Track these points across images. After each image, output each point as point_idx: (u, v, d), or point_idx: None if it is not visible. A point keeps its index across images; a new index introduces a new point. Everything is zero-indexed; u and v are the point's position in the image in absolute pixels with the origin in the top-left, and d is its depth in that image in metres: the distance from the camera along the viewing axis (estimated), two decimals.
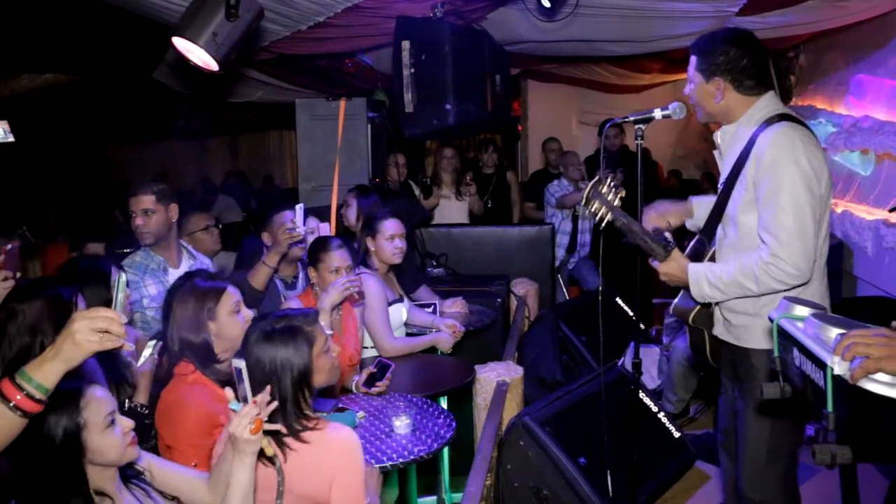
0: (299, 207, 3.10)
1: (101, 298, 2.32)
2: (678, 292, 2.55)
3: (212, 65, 3.01)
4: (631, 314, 4.37)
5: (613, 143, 5.80)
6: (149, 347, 2.34)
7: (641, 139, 2.42)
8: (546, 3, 3.40)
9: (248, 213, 9.52)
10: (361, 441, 2.32)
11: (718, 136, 2.43)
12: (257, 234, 3.55)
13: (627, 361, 3.71)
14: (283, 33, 3.90)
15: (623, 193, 2.28)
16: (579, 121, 8.81)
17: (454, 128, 3.86)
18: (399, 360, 3.08)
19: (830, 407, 1.13)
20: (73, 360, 1.39)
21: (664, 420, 3.21)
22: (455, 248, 4.84)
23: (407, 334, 3.52)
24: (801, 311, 1.32)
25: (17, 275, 2.25)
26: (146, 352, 2.33)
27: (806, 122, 2.31)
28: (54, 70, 5.78)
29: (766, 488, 2.31)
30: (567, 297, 5.52)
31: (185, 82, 5.49)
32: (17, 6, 4.48)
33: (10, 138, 2.22)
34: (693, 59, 2.35)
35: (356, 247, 3.54)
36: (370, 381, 2.81)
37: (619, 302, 4.46)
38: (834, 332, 1.20)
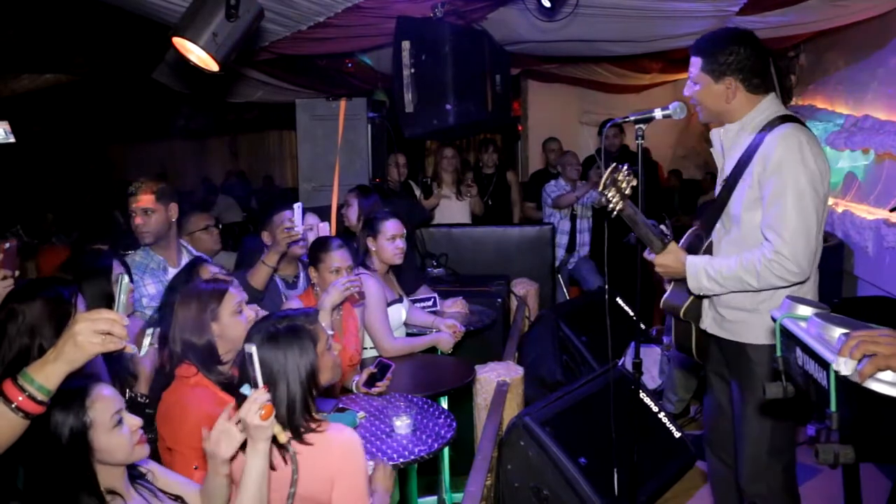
0: (297, 206, 3.09)
1: (103, 293, 2.32)
2: None
3: (212, 65, 3.01)
4: (631, 314, 4.37)
5: (613, 143, 5.80)
6: (147, 336, 2.33)
7: (642, 139, 2.42)
8: (546, 2, 3.40)
9: (249, 213, 9.51)
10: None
11: (719, 135, 2.44)
12: (257, 234, 3.54)
13: (628, 361, 3.71)
14: (283, 33, 3.90)
15: (634, 183, 2.29)
16: (579, 121, 8.81)
17: (454, 128, 3.86)
18: (399, 361, 3.07)
19: (834, 406, 1.12)
20: (75, 362, 1.39)
21: (665, 420, 3.21)
22: (455, 248, 4.84)
23: (407, 334, 3.52)
24: (804, 310, 1.32)
25: (16, 273, 2.25)
26: (145, 340, 2.32)
27: (806, 122, 2.33)
28: (54, 70, 5.79)
29: (768, 485, 2.33)
30: (567, 298, 5.52)
31: (185, 82, 5.49)
32: (17, 6, 4.49)
33: (11, 139, 2.22)
34: (698, 61, 2.33)
35: (356, 247, 3.53)
36: (370, 382, 2.80)
37: (620, 302, 4.45)
38: (837, 331, 1.19)
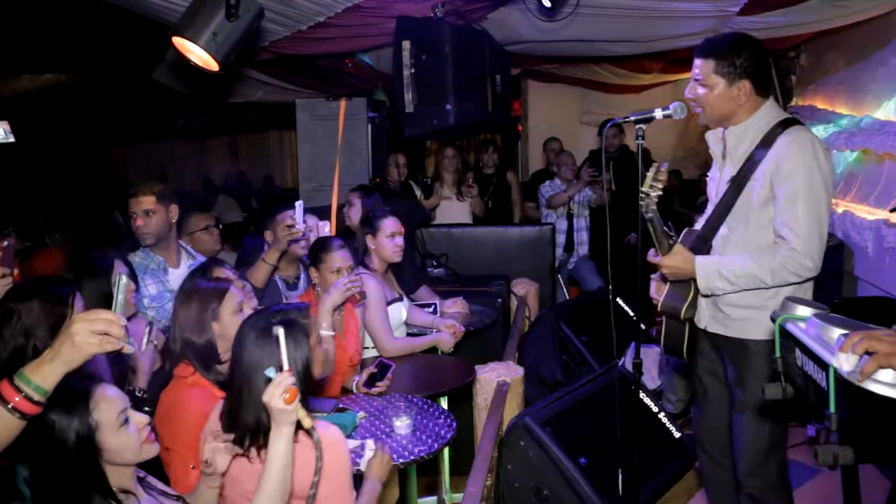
0: (299, 204, 3.10)
1: (103, 293, 2.33)
2: None
3: (212, 65, 3.01)
4: (632, 314, 4.36)
5: (613, 143, 5.80)
6: (146, 333, 2.36)
7: (642, 139, 2.42)
8: (546, 2, 3.40)
9: (249, 213, 9.52)
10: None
11: (716, 137, 2.44)
12: (258, 234, 3.55)
13: (628, 362, 3.71)
14: (283, 33, 3.90)
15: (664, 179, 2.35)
16: (580, 121, 8.81)
17: (454, 128, 3.85)
18: (399, 361, 3.07)
19: (833, 408, 1.13)
20: (72, 363, 1.38)
21: (664, 420, 3.21)
22: (455, 249, 4.84)
23: (408, 334, 3.52)
24: (804, 311, 1.32)
25: (15, 272, 2.25)
26: (144, 338, 2.34)
27: (806, 123, 2.39)
28: (54, 70, 5.78)
29: (764, 478, 2.38)
30: (567, 298, 5.52)
31: (185, 82, 5.49)
32: (18, 6, 4.48)
33: (11, 139, 2.22)
34: (710, 63, 2.32)
35: (357, 247, 3.53)
36: (371, 382, 2.80)
37: (620, 302, 4.45)
38: (836, 332, 1.19)
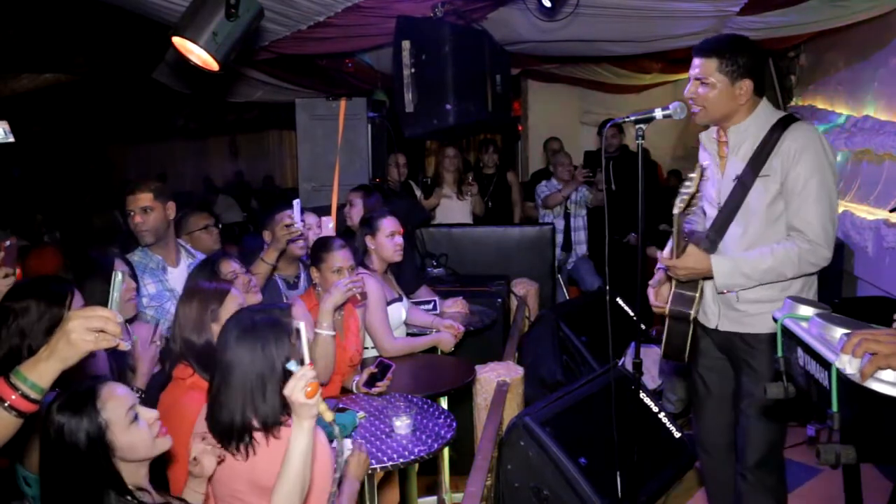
0: (295, 203, 3.09)
1: (103, 292, 2.32)
2: None
3: (212, 64, 3.01)
4: (632, 314, 4.36)
5: (612, 143, 5.80)
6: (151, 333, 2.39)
7: (642, 139, 2.42)
8: (547, 2, 3.40)
9: (249, 212, 9.52)
10: (362, 441, 2.32)
11: (728, 135, 2.45)
12: (258, 234, 3.54)
13: (628, 362, 3.71)
14: (283, 33, 3.90)
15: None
16: (580, 121, 8.80)
17: (454, 128, 3.85)
18: (399, 361, 3.06)
19: (835, 407, 1.12)
20: (68, 360, 1.38)
21: (665, 420, 3.21)
22: (455, 249, 4.83)
23: (407, 335, 3.51)
24: (806, 310, 1.32)
25: (17, 271, 2.25)
26: (149, 338, 2.37)
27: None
28: (54, 70, 5.78)
29: (770, 469, 2.46)
30: (567, 298, 5.51)
31: (186, 82, 5.49)
32: (18, 6, 4.48)
33: (11, 138, 2.22)
34: (713, 62, 2.35)
35: (356, 246, 3.53)
36: (371, 382, 2.80)
37: (620, 302, 4.45)
38: (838, 332, 1.19)
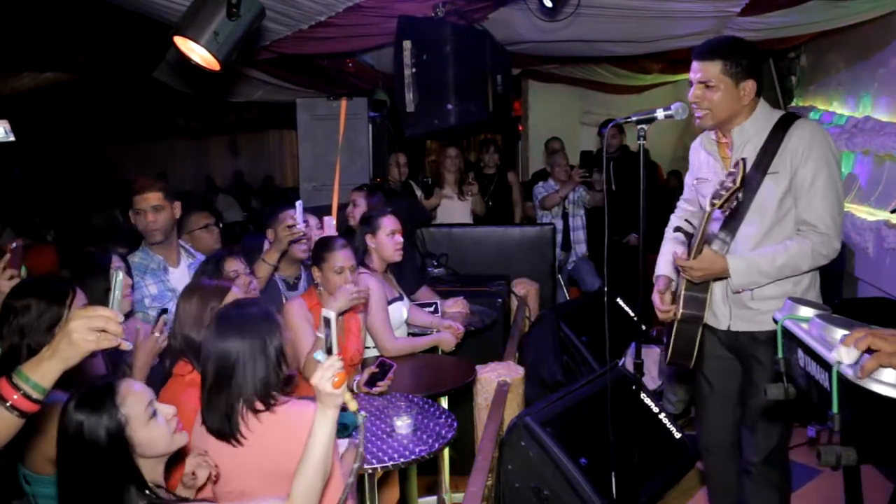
0: (298, 204, 3.09)
1: (102, 291, 2.33)
2: None
3: (213, 64, 3.01)
4: (632, 315, 4.36)
5: (612, 143, 5.80)
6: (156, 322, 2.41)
7: (644, 139, 2.42)
8: (548, 2, 3.40)
9: (249, 212, 9.52)
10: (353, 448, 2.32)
11: (731, 136, 2.44)
12: (258, 233, 3.54)
13: (628, 362, 3.70)
14: (284, 33, 3.90)
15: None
16: (580, 121, 8.80)
17: (455, 128, 3.85)
18: (400, 360, 3.06)
19: (836, 408, 1.12)
20: (70, 360, 1.38)
21: (665, 420, 3.21)
22: (456, 249, 4.83)
23: (409, 334, 3.52)
24: (806, 311, 1.32)
25: (23, 272, 2.25)
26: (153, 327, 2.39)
27: None
28: (55, 69, 5.78)
29: (779, 465, 2.49)
30: (567, 298, 5.51)
31: (186, 81, 5.49)
32: (19, 5, 4.48)
33: (11, 137, 2.22)
34: (716, 64, 2.35)
35: (357, 246, 3.53)
36: (372, 381, 2.80)
37: (620, 302, 4.45)
38: (839, 333, 1.19)
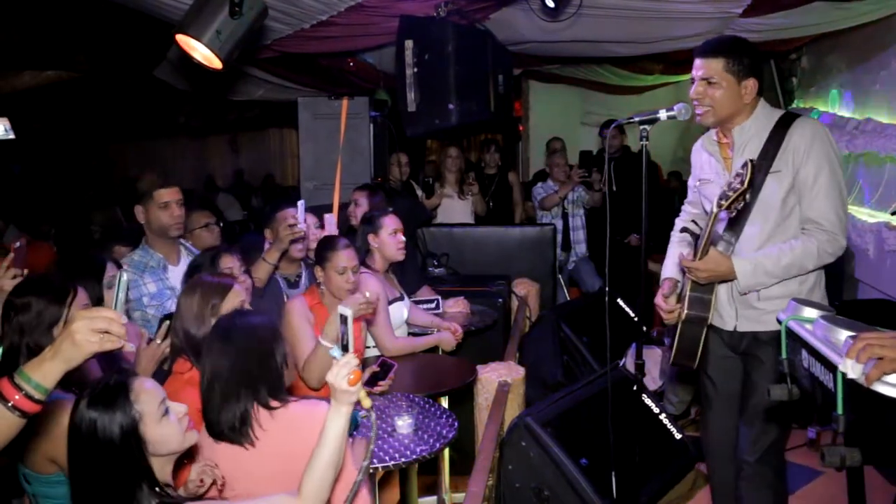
0: (300, 203, 3.09)
1: (94, 294, 2.33)
2: None
3: (215, 62, 3.01)
4: (633, 315, 4.36)
5: (613, 143, 5.79)
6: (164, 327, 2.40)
7: (647, 140, 2.42)
8: (550, 3, 3.40)
9: (249, 211, 9.52)
10: (363, 441, 2.32)
11: (732, 136, 2.44)
12: (257, 232, 3.53)
13: (629, 362, 3.70)
14: (286, 31, 3.91)
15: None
16: (581, 122, 8.80)
17: (457, 127, 3.85)
18: (401, 360, 3.06)
19: (841, 409, 1.12)
20: (72, 361, 1.38)
21: (665, 421, 3.21)
22: (456, 248, 4.82)
23: (409, 334, 3.51)
24: (810, 312, 1.32)
25: (25, 271, 2.25)
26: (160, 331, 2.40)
27: None
28: (56, 67, 5.77)
29: (775, 465, 2.47)
30: (568, 298, 5.51)
31: (187, 80, 5.49)
32: (20, 3, 4.48)
33: (11, 135, 2.22)
34: (719, 61, 2.35)
35: (358, 245, 3.52)
36: (373, 381, 2.80)
37: (621, 303, 4.45)
38: (843, 334, 1.19)
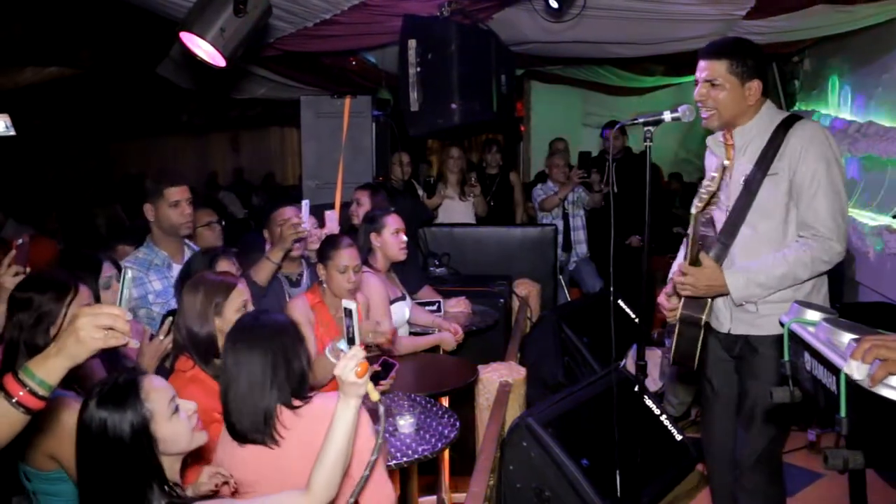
0: (305, 203, 3.09)
1: (92, 289, 2.33)
2: None
3: (219, 60, 3.01)
4: (633, 316, 4.36)
5: (614, 144, 5.79)
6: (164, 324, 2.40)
7: (650, 141, 2.41)
8: (553, 3, 3.40)
9: (250, 210, 9.51)
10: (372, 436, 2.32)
11: (733, 137, 2.42)
12: (257, 231, 3.54)
13: (629, 363, 3.71)
14: (289, 30, 3.91)
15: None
16: (583, 122, 8.80)
17: (459, 127, 3.85)
18: (402, 360, 3.06)
19: (844, 412, 1.13)
20: (77, 357, 1.37)
21: (666, 422, 3.21)
22: (457, 248, 4.82)
23: (410, 334, 3.52)
24: (813, 315, 1.32)
25: (27, 269, 2.26)
26: (164, 328, 2.39)
27: None
28: (59, 63, 5.77)
29: (771, 471, 2.46)
30: (568, 299, 5.51)
31: (190, 78, 5.49)
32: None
33: (12, 132, 2.22)
34: (723, 63, 2.35)
35: (359, 245, 3.52)
36: (374, 380, 2.79)
37: (622, 304, 4.45)
38: (846, 337, 1.19)
